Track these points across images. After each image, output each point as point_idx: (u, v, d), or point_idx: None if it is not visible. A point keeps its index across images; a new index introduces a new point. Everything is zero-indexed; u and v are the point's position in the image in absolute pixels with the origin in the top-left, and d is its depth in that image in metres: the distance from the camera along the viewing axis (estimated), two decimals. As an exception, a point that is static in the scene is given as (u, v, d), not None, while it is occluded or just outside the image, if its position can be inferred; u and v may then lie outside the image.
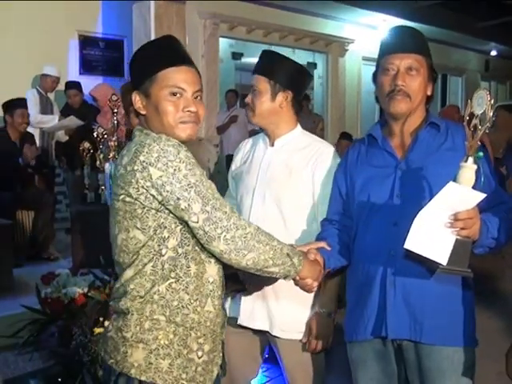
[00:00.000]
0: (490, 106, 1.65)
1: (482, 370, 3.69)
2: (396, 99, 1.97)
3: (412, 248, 1.71)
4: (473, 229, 1.72)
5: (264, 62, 2.39)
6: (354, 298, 2.08)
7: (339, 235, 2.16)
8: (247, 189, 2.41)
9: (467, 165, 1.67)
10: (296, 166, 2.35)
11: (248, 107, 2.39)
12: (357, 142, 2.23)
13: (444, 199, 1.67)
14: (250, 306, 2.35)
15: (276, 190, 2.34)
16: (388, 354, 2.02)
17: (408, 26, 2.12)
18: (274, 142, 2.42)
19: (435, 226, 1.69)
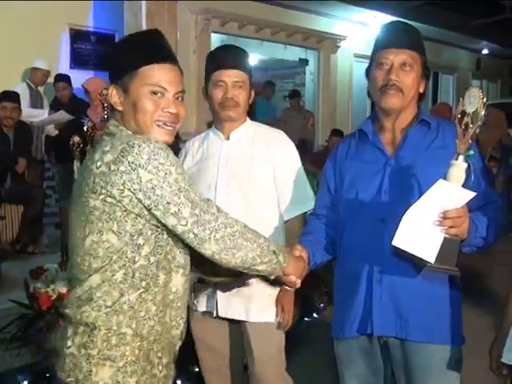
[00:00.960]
0: (482, 105, 1.65)
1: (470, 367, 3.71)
2: (389, 94, 1.97)
3: (400, 245, 1.71)
4: (461, 228, 1.71)
5: (239, 57, 2.43)
6: (340, 295, 2.09)
7: (326, 230, 2.17)
8: (208, 184, 2.41)
9: (457, 163, 1.67)
10: (255, 155, 2.39)
11: (230, 102, 2.38)
12: (347, 137, 2.23)
13: (433, 197, 1.67)
14: (224, 296, 2.39)
15: (239, 181, 2.37)
16: (374, 350, 2.02)
17: (404, 21, 2.12)
18: (228, 135, 2.44)
19: (424, 223, 1.69)
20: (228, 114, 2.40)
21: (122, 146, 1.61)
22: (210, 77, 2.42)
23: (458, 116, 1.69)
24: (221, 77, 2.37)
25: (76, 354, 1.63)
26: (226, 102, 2.37)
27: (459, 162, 1.67)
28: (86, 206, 1.64)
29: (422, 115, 2.03)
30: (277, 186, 2.36)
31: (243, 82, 2.40)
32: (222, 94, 2.37)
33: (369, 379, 2.06)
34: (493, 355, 1.96)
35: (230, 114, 2.40)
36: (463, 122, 1.68)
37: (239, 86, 2.38)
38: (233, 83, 2.37)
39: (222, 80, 2.37)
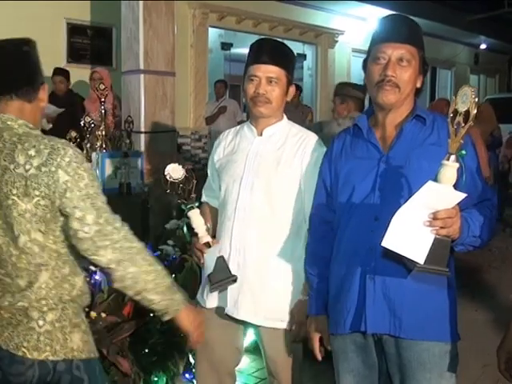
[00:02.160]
0: (474, 104, 1.63)
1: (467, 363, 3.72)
2: (385, 89, 1.95)
3: (389, 246, 1.69)
4: (452, 228, 1.70)
5: (277, 52, 2.38)
6: (335, 292, 2.07)
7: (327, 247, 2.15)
8: (234, 178, 2.40)
9: (449, 163, 1.65)
10: (284, 155, 2.35)
11: (261, 98, 2.33)
12: (342, 132, 2.20)
13: (423, 198, 1.65)
14: (235, 294, 2.35)
15: (264, 179, 2.33)
16: (369, 346, 2.02)
17: (404, 15, 2.09)
18: (261, 131, 2.41)
19: (414, 224, 1.67)
20: (259, 110, 2.35)
21: (49, 150, 1.72)
22: (246, 70, 2.39)
23: (451, 115, 1.68)
24: (255, 71, 2.34)
25: (51, 330, 1.81)
26: (257, 97, 2.33)
27: (450, 163, 1.65)
28: (13, 208, 1.73)
29: (418, 110, 2.01)
30: (303, 189, 2.32)
31: (278, 79, 2.34)
32: (254, 89, 2.34)
33: (364, 374, 2.06)
34: (501, 356, 1.92)
35: (260, 110, 2.35)
36: (455, 121, 1.66)
37: (274, 81, 2.33)
38: (267, 79, 2.33)
39: (255, 75, 2.34)
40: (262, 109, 2.35)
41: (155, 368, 3.09)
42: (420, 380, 1.93)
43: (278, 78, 2.34)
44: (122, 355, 2.94)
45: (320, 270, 2.15)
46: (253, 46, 2.42)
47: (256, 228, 2.34)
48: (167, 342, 3.13)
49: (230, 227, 2.37)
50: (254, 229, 2.33)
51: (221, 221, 2.45)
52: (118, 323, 3.01)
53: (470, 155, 1.93)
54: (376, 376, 2.06)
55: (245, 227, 2.34)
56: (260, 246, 2.33)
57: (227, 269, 2.33)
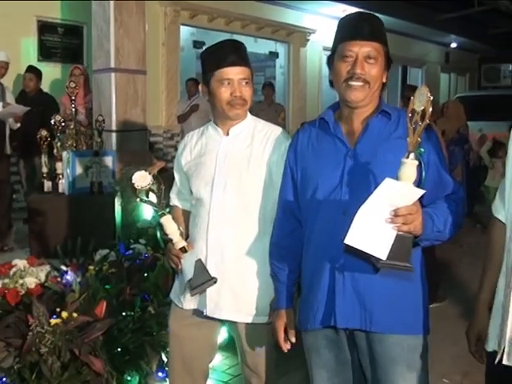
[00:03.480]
0: (429, 103, 1.66)
1: (439, 354, 3.80)
2: (354, 87, 1.95)
3: (352, 243, 1.71)
4: (413, 224, 1.71)
5: (242, 53, 2.37)
6: (306, 287, 2.08)
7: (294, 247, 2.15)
8: (205, 180, 2.38)
9: (408, 161, 1.68)
10: (254, 153, 2.35)
11: (239, 100, 2.32)
12: (307, 125, 2.19)
13: (383, 195, 1.67)
14: (215, 295, 2.35)
15: (236, 178, 2.33)
16: (340, 341, 2.03)
17: (367, 12, 2.10)
18: (228, 131, 2.41)
19: (376, 221, 1.69)
20: (236, 113, 2.34)
21: None
22: (212, 74, 2.34)
23: (409, 115, 1.70)
24: (227, 74, 2.31)
25: None
26: (234, 100, 2.32)
27: (410, 160, 1.68)
28: None
29: (383, 106, 2.03)
30: (275, 184, 2.30)
31: (248, 79, 2.34)
32: (231, 92, 2.32)
33: (336, 369, 2.06)
34: (471, 338, 1.97)
35: (238, 112, 2.35)
36: (413, 120, 1.69)
37: (245, 82, 2.33)
38: (239, 80, 2.32)
39: (228, 78, 2.32)
40: (239, 111, 2.34)
41: (128, 367, 3.09)
42: (392, 373, 1.94)
43: (249, 77, 2.35)
44: (95, 355, 2.93)
45: (288, 264, 2.16)
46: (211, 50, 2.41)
47: (231, 227, 2.33)
48: (140, 340, 3.13)
49: (205, 229, 2.36)
50: (229, 228, 2.33)
51: (194, 223, 2.44)
52: (89, 323, 3.00)
53: (436, 150, 1.97)
54: (349, 370, 2.08)
55: (220, 227, 2.34)
56: (237, 245, 2.33)
57: (206, 271, 2.32)
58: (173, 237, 2.38)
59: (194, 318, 2.43)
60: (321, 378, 2.08)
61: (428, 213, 1.79)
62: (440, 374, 3.62)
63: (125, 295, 3.34)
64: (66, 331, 2.91)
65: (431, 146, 1.94)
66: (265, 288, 2.33)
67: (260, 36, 10.59)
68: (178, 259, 2.38)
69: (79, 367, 2.91)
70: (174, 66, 9.06)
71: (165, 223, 2.37)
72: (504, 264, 1.77)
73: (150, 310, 3.27)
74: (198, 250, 2.37)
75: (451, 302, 5.05)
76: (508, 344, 1.69)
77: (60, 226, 4.53)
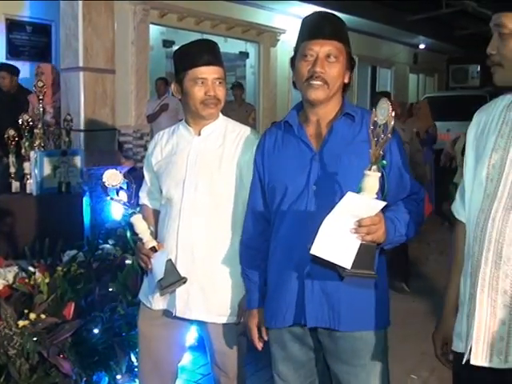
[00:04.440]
0: (391, 118, 1.68)
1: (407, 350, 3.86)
2: (314, 86, 1.97)
3: (317, 253, 1.73)
4: (377, 234, 1.74)
5: (216, 53, 2.37)
6: (273, 285, 2.09)
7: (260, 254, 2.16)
8: (176, 180, 2.38)
9: (370, 173, 1.70)
10: (225, 153, 2.36)
11: (212, 100, 2.32)
12: (273, 127, 2.21)
13: (346, 208, 1.70)
14: (185, 296, 2.35)
15: (208, 178, 2.33)
16: (305, 335, 2.05)
17: (328, 11, 2.12)
18: (199, 131, 2.41)
19: (340, 231, 1.72)
20: (210, 112, 2.34)
21: None
22: (185, 73, 2.33)
23: (371, 127, 1.72)
24: (201, 74, 2.31)
25: None
26: (208, 99, 2.31)
27: (372, 172, 1.70)
28: None
29: (347, 108, 2.04)
30: (245, 186, 2.30)
31: (222, 78, 2.35)
32: (205, 92, 2.31)
33: (301, 362, 2.09)
34: (437, 341, 1.98)
35: (211, 112, 2.35)
36: (375, 132, 1.71)
37: (219, 82, 2.33)
38: (213, 80, 2.32)
39: (202, 77, 2.31)
40: (213, 110, 2.35)
41: (97, 368, 3.07)
42: (355, 366, 1.99)
43: (222, 77, 2.36)
44: (63, 356, 2.91)
45: (259, 264, 2.17)
46: (185, 49, 2.40)
47: (202, 227, 2.33)
48: (109, 341, 3.11)
49: (176, 228, 2.36)
50: (200, 228, 2.33)
51: (164, 223, 2.43)
52: (58, 324, 2.98)
53: (397, 152, 2.00)
54: (313, 363, 2.11)
55: (191, 228, 2.34)
56: (207, 245, 2.34)
57: (176, 271, 2.32)
58: (143, 236, 2.37)
59: (163, 319, 2.43)
60: (286, 370, 2.11)
61: (390, 218, 1.83)
62: (408, 369, 3.68)
63: (93, 296, 3.31)
64: (34, 333, 2.89)
65: (393, 147, 1.97)
66: (235, 288, 2.33)
67: (230, 36, 10.59)
68: (147, 259, 2.38)
69: (48, 369, 2.89)
70: (143, 65, 9.00)
71: (135, 222, 2.37)
72: (469, 265, 1.79)
73: (119, 310, 3.25)
74: (168, 249, 2.36)
75: (419, 299, 5.12)
76: (475, 344, 1.72)
77: (28, 226, 4.46)
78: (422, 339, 2.08)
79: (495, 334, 1.68)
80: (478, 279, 1.70)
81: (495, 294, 1.67)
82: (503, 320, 1.67)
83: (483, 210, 1.72)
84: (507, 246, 1.64)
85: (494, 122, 1.79)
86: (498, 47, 1.68)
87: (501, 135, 1.74)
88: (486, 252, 1.68)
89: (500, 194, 1.68)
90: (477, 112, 1.91)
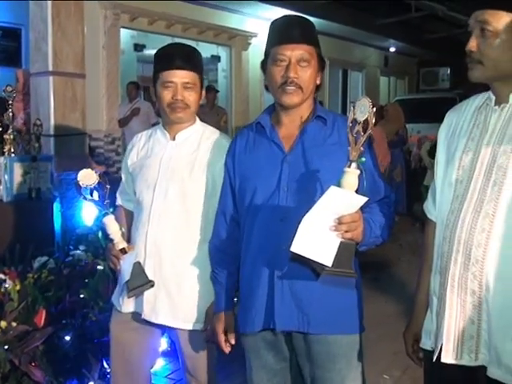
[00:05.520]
0: (372, 114, 1.69)
1: (379, 351, 3.89)
2: (288, 91, 1.98)
3: (298, 251, 1.73)
4: (356, 231, 1.75)
5: (190, 58, 2.36)
6: (244, 291, 2.09)
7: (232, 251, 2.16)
8: (148, 183, 2.37)
9: (350, 170, 1.71)
10: (198, 159, 2.35)
11: (179, 104, 2.31)
12: (245, 129, 2.21)
13: (327, 203, 1.70)
14: (152, 299, 2.34)
15: (179, 184, 2.33)
16: (279, 342, 2.05)
17: (298, 15, 2.12)
18: (175, 136, 2.41)
19: (320, 229, 1.71)
20: (177, 116, 2.34)
21: None
22: (157, 76, 2.34)
23: (350, 124, 1.73)
24: (169, 77, 2.31)
25: None
26: (175, 103, 2.31)
27: (351, 170, 1.71)
28: None
29: (319, 111, 2.05)
30: (217, 194, 2.29)
31: (193, 84, 2.33)
32: (172, 96, 2.31)
33: (275, 369, 2.09)
34: (408, 340, 2.01)
35: (179, 116, 2.34)
36: (354, 130, 1.72)
37: (190, 87, 2.32)
38: (182, 84, 2.31)
39: (170, 81, 2.31)
40: (180, 114, 2.34)
41: (69, 375, 3.05)
42: (330, 371, 1.99)
43: (194, 82, 2.34)
44: (35, 364, 2.88)
45: (228, 267, 2.17)
46: (161, 52, 2.40)
47: (171, 232, 2.33)
48: (80, 348, 3.09)
49: (145, 232, 2.35)
50: (168, 233, 2.33)
51: (135, 226, 2.43)
52: (29, 332, 2.95)
53: (370, 155, 2.01)
54: (287, 370, 2.11)
55: (159, 232, 2.33)
56: (175, 250, 2.33)
57: (144, 274, 2.32)
58: (114, 237, 2.37)
59: (135, 323, 2.42)
60: (260, 379, 2.11)
61: (366, 219, 1.83)
62: (380, 370, 3.71)
63: (64, 303, 3.28)
64: (5, 341, 2.85)
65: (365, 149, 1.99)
66: (202, 295, 2.33)
67: (202, 40, 10.56)
68: (117, 260, 2.37)
69: (19, 377, 2.86)
70: (114, 69, 8.95)
71: (107, 223, 2.37)
72: (438, 264, 1.81)
73: (90, 316, 3.23)
74: (137, 252, 2.36)
75: (391, 299, 5.16)
76: (445, 342, 1.74)
77: (-4, 233, 4.41)
78: (394, 339, 2.10)
79: (465, 332, 1.71)
80: (447, 279, 1.73)
81: (464, 294, 1.70)
82: (472, 319, 1.69)
83: (453, 211, 1.75)
84: (475, 248, 1.66)
85: (466, 123, 1.81)
86: (480, 45, 1.69)
87: (471, 138, 1.77)
88: (456, 253, 1.71)
89: (469, 196, 1.71)
90: (448, 113, 1.93)
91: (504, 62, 1.68)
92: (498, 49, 1.67)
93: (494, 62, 1.68)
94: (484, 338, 1.68)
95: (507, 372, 1.65)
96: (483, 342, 1.69)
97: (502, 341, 1.65)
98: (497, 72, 1.70)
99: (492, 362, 1.67)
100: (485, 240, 1.65)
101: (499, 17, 1.65)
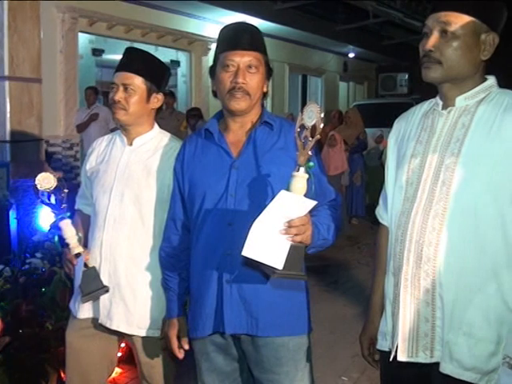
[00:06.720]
0: (320, 119, 1.72)
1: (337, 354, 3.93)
2: (236, 97, 2.00)
3: (250, 255, 1.74)
4: (305, 235, 1.78)
5: (138, 61, 2.36)
6: (194, 296, 2.11)
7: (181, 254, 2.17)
8: (104, 188, 2.37)
9: (298, 174, 1.74)
10: (155, 165, 2.35)
11: (117, 105, 2.32)
12: (194, 135, 2.23)
13: (277, 207, 1.72)
14: (108, 304, 2.33)
15: (134, 189, 2.33)
16: (228, 345, 2.07)
17: (247, 23, 2.16)
18: (132, 141, 2.40)
19: (271, 233, 1.74)
20: (116, 117, 2.36)
21: None
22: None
23: (298, 130, 1.76)
24: (114, 78, 2.35)
25: None
26: (114, 104, 2.33)
27: (300, 174, 1.74)
28: None
29: (266, 116, 2.08)
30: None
31: (135, 86, 2.33)
32: (112, 96, 2.33)
33: (225, 372, 2.11)
34: (364, 342, 2.05)
35: (117, 117, 2.35)
36: (303, 135, 1.75)
37: (130, 89, 2.32)
38: (123, 86, 2.32)
39: (114, 82, 2.34)
40: (117, 115, 2.35)
41: (26, 385, 2.99)
42: (278, 373, 2.02)
43: (135, 84, 2.34)
44: (-10, 375, 2.83)
45: (179, 273, 2.18)
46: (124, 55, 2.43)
47: (126, 238, 2.33)
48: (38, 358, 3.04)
49: (100, 237, 2.35)
50: (123, 239, 2.32)
51: (92, 230, 2.42)
52: (-17, 342, 2.89)
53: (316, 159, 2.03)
54: (237, 373, 2.13)
55: (115, 237, 2.33)
56: (130, 256, 2.32)
57: (99, 279, 2.31)
58: (70, 242, 2.35)
59: (91, 330, 2.40)
60: (211, 381, 2.12)
61: (314, 222, 1.86)
62: (339, 372, 3.75)
63: (21, 312, 3.23)
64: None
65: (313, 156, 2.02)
66: (157, 301, 2.32)
67: (161, 44, 10.50)
68: (71, 265, 2.36)
69: (-26, 388, 2.80)
70: (72, 74, 8.82)
71: (64, 227, 2.35)
72: (391, 265, 1.86)
73: (47, 326, 3.18)
74: (92, 257, 2.35)
75: (350, 302, 5.22)
76: (401, 341, 1.78)
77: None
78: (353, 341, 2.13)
79: (420, 330, 1.75)
80: (400, 279, 1.78)
81: (418, 292, 1.74)
82: (426, 317, 1.74)
83: (404, 212, 1.80)
84: (427, 247, 1.71)
85: (414, 128, 1.87)
86: (439, 45, 1.73)
87: (419, 141, 1.82)
88: (408, 253, 1.76)
89: (419, 197, 1.76)
90: (397, 120, 1.99)
91: (461, 64, 1.73)
92: (458, 50, 1.72)
93: (453, 63, 1.73)
94: (438, 335, 1.73)
95: (459, 366, 1.70)
96: (438, 338, 1.74)
97: (454, 336, 1.71)
98: (453, 73, 1.75)
99: (444, 357, 1.72)
100: (436, 238, 1.71)
101: (461, 19, 1.71)
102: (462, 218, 1.69)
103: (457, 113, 1.77)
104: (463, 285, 1.70)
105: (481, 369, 1.69)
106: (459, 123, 1.75)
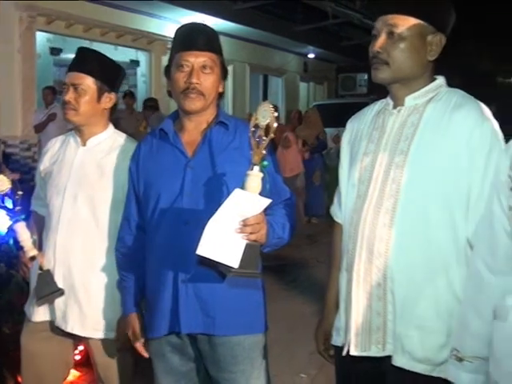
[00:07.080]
0: (274, 119, 1.75)
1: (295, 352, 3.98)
2: (190, 97, 2.02)
3: (204, 254, 1.75)
4: (260, 233, 1.80)
5: (88, 61, 2.36)
6: (150, 296, 2.11)
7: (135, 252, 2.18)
8: (58, 189, 2.36)
9: (253, 173, 1.75)
10: (108, 165, 2.35)
11: (68, 105, 2.32)
12: (149, 136, 2.23)
13: (232, 206, 1.74)
14: (63, 307, 2.33)
15: (88, 190, 2.33)
16: (185, 345, 2.08)
17: (202, 23, 2.17)
18: (86, 141, 2.40)
19: (226, 231, 1.75)
20: (66, 118, 2.36)
21: None
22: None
23: (252, 129, 1.78)
24: (66, 78, 2.36)
25: None
26: (64, 104, 2.33)
27: (254, 172, 1.75)
28: None
29: (221, 117, 2.10)
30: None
31: (84, 85, 2.32)
32: (63, 97, 2.34)
33: (182, 372, 2.11)
34: (319, 338, 2.09)
35: (67, 118, 2.35)
36: (257, 134, 1.77)
37: (81, 88, 2.32)
38: (72, 86, 2.33)
39: (65, 82, 2.35)
40: (68, 116, 2.35)
41: (-18, 389, 2.96)
42: (234, 372, 2.04)
43: (85, 84, 2.33)
44: None
45: (134, 272, 2.18)
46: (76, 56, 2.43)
47: (80, 239, 2.32)
48: (-6, 361, 3.01)
49: (54, 239, 2.34)
50: (77, 240, 2.32)
51: (46, 232, 2.41)
52: None
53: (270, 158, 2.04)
54: (194, 373, 2.13)
55: (68, 239, 2.32)
56: (85, 258, 2.32)
57: (53, 282, 2.29)
58: (24, 244, 2.34)
59: (46, 332, 2.39)
60: (167, 382, 2.12)
61: (268, 221, 1.88)
62: (297, 369, 3.80)
63: (-24, 315, 3.19)
64: None
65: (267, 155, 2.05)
66: (112, 303, 2.32)
67: (120, 44, 10.45)
68: (26, 268, 2.35)
69: None
70: (30, 73, 8.71)
71: (18, 230, 2.34)
72: (345, 261, 1.90)
73: (4, 329, 3.15)
74: (46, 259, 2.34)
75: (308, 300, 5.26)
76: (354, 335, 1.84)
77: None
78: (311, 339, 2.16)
79: (372, 325, 1.80)
80: (353, 274, 1.82)
81: (370, 287, 1.79)
82: (378, 311, 1.79)
83: (356, 209, 1.86)
84: (378, 243, 1.76)
85: (366, 127, 1.93)
86: (387, 47, 1.79)
87: (371, 140, 1.88)
88: (360, 249, 1.81)
89: (370, 194, 1.82)
90: (349, 120, 2.04)
91: (408, 64, 1.79)
92: (404, 52, 1.78)
93: (399, 64, 1.79)
94: (390, 329, 1.78)
95: (410, 359, 1.75)
96: (389, 332, 1.78)
97: (405, 329, 1.76)
98: (400, 74, 1.81)
99: (397, 350, 1.77)
100: (386, 234, 1.76)
101: (408, 22, 1.77)
102: (411, 214, 1.74)
103: (406, 112, 1.82)
104: (413, 279, 1.74)
105: (433, 360, 1.74)
106: (408, 122, 1.80)
